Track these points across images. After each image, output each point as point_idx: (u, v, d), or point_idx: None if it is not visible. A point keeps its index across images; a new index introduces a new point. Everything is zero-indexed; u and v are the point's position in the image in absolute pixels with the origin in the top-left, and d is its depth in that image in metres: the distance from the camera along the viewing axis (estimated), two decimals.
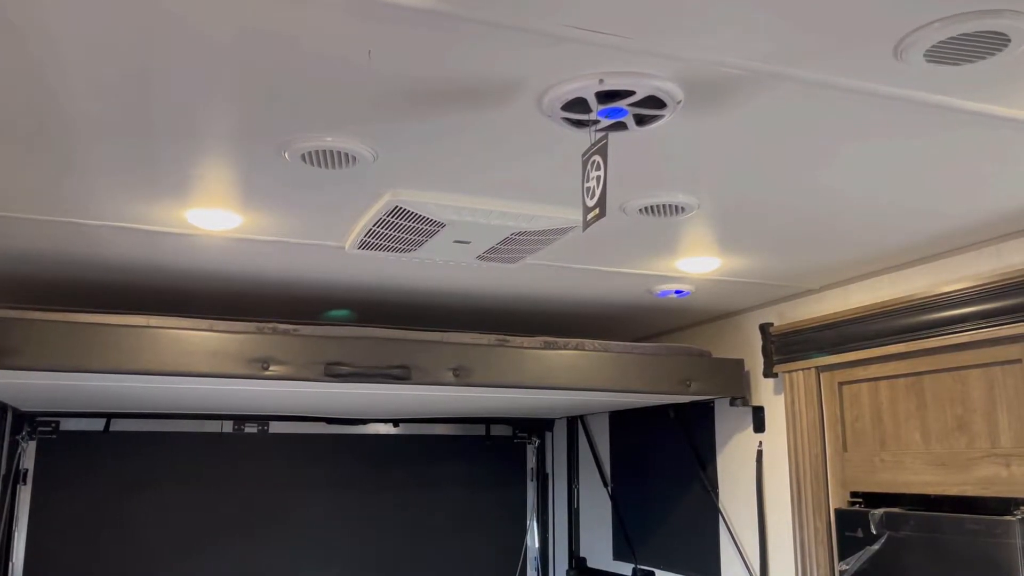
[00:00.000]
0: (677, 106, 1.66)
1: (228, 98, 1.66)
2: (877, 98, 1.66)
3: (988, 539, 2.47)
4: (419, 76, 1.57)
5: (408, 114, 1.74)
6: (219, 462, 4.61)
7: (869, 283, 3.14)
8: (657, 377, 3.45)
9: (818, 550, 3.13)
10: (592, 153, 1.66)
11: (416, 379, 3.06)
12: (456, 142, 1.89)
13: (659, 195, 2.25)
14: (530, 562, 5.19)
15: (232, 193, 2.23)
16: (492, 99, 1.67)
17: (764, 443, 3.58)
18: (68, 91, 1.63)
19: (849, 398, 3.14)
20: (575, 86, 1.59)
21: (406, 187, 2.19)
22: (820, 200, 2.29)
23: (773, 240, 2.68)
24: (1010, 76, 1.57)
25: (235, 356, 2.84)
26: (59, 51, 1.47)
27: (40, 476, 4.32)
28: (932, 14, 1.37)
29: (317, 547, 4.70)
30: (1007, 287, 2.50)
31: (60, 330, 2.66)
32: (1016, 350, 2.53)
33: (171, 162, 2.00)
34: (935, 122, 1.78)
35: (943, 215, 2.42)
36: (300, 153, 1.93)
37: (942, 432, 2.76)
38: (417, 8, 1.34)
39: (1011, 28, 1.39)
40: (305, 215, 2.41)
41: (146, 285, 3.21)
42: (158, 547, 4.42)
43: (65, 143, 1.88)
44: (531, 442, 5.31)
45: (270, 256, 2.84)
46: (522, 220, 2.39)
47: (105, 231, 2.53)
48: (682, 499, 4.09)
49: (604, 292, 3.41)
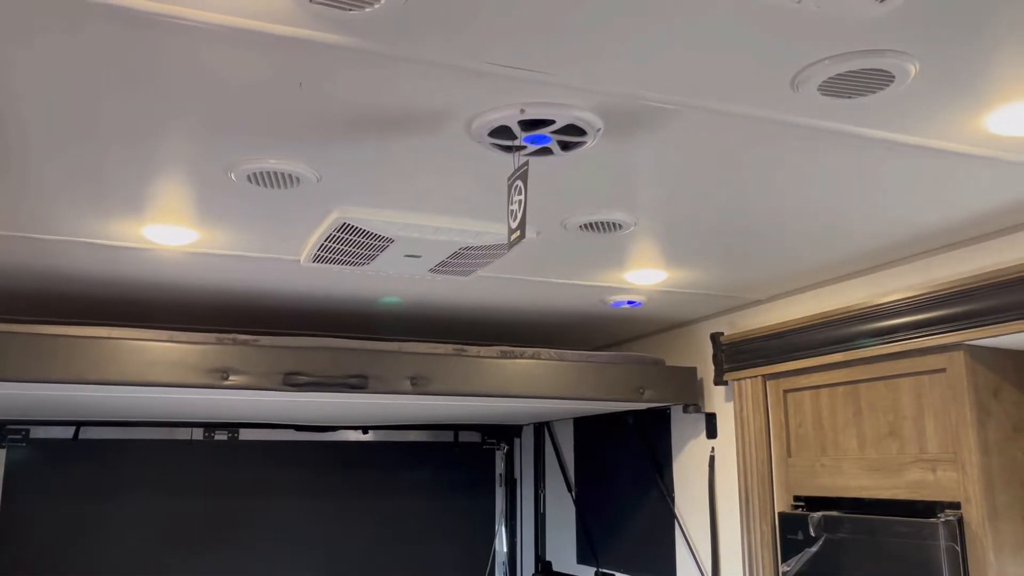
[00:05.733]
0: (597, 133, 1.76)
1: (173, 123, 1.74)
2: (783, 125, 1.77)
3: (916, 540, 2.59)
4: (353, 105, 1.67)
5: (346, 139, 1.83)
6: (189, 469, 4.67)
7: (813, 294, 3.26)
8: (612, 385, 3.55)
9: (763, 552, 3.24)
10: (515, 178, 1.76)
11: (373, 388, 3.14)
12: (396, 164, 1.99)
13: (597, 213, 2.35)
14: (498, 566, 5.28)
15: (186, 210, 2.32)
16: (425, 126, 1.77)
17: (716, 449, 3.68)
18: (17, 116, 1.71)
19: (793, 405, 3.25)
20: (498, 115, 1.69)
21: (353, 205, 2.28)
22: (751, 217, 2.40)
23: (713, 253, 2.79)
24: (901, 109, 1.69)
25: (195, 366, 2.91)
26: (9, 79, 1.56)
27: (10, 483, 4.36)
28: (822, 52, 1.48)
29: (287, 553, 4.77)
30: (933, 300, 2.62)
31: (23, 342, 2.72)
32: (942, 359, 2.65)
33: (125, 182, 2.08)
34: (839, 146, 1.89)
35: (871, 232, 2.54)
36: (246, 174, 2.02)
37: (876, 438, 2.88)
38: (346, 47, 1.43)
39: (894, 67, 1.51)
40: (258, 230, 2.50)
41: (107, 297, 3.28)
42: (128, 553, 4.48)
43: (19, 164, 1.96)
44: (500, 448, 5.40)
45: (228, 269, 2.92)
46: (468, 236, 2.48)
47: (65, 245, 2.61)
48: (641, 503, 4.19)
49: (559, 302, 3.51)
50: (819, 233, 2.55)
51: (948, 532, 2.51)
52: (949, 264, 2.70)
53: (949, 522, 2.52)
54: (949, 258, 2.70)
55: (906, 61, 1.49)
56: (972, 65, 1.53)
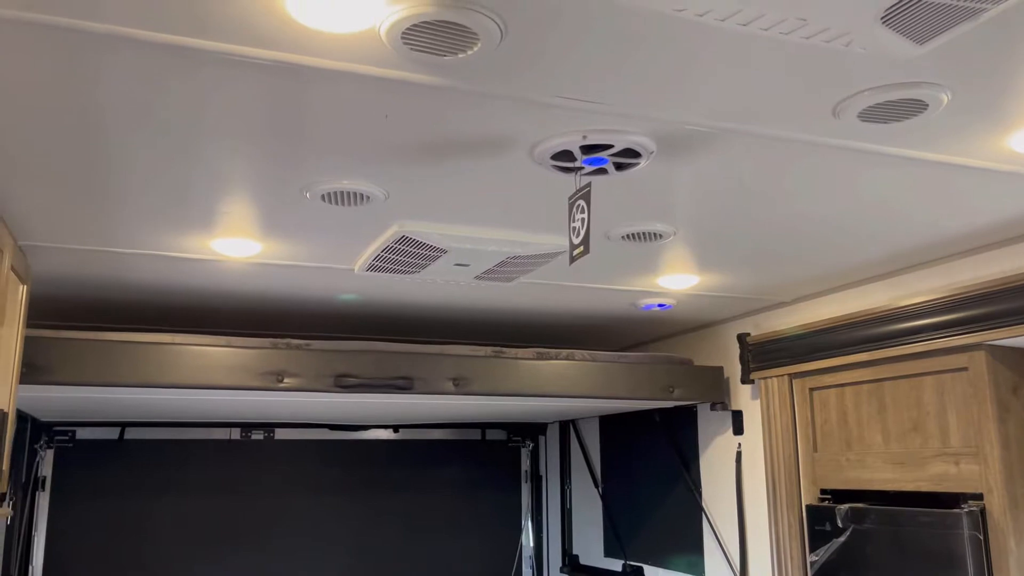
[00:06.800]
0: (651, 155, 1.92)
1: (260, 152, 1.90)
2: (822, 146, 1.93)
3: (939, 530, 2.74)
4: (428, 133, 1.83)
5: (416, 162, 1.99)
6: (227, 468, 4.85)
7: (837, 296, 3.41)
8: (642, 384, 3.71)
9: (791, 543, 3.39)
10: (577, 198, 1.92)
11: (419, 389, 3.31)
12: (458, 183, 2.15)
13: (639, 225, 2.51)
14: (525, 560, 5.44)
15: (255, 225, 2.48)
16: (490, 150, 1.93)
17: (743, 445, 3.84)
18: (120, 146, 1.87)
19: (819, 403, 3.40)
20: (562, 140, 1.84)
21: (412, 219, 2.44)
22: (785, 227, 2.56)
23: (745, 260, 2.94)
24: (932, 132, 1.85)
25: (252, 370, 3.08)
26: (115, 117, 1.72)
27: (57, 483, 4.54)
28: (862, 84, 1.63)
29: (321, 548, 4.94)
30: (955, 302, 2.77)
31: (91, 348, 2.90)
32: (963, 359, 2.79)
33: (203, 203, 2.25)
34: (870, 163, 2.04)
35: (895, 238, 2.69)
36: (320, 194, 2.18)
37: (900, 433, 3.03)
38: (429, 85, 1.59)
39: (929, 96, 1.66)
40: (319, 243, 2.66)
41: (171, 305, 3.45)
42: (171, 550, 4.65)
43: (111, 188, 2.13)
44: (525, 446, 5.56)
45: (285, 278, 3.09)
46: (516, 246, 2.64)
47: (137, 258, 2.78)
48: (668, 498, 4.35)
49: (593, 306, 3.67)
50: (844, 239, 2.70)
51: (971, 522, 2.66)
52: (970, 268, 2.84)
53: (972, 512, 2.67)
54: (970, 262, 2.85)
55: (939, 92, 1.64)
56: (998, 93, 1.68)
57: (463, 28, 1.38)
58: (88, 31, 1.38)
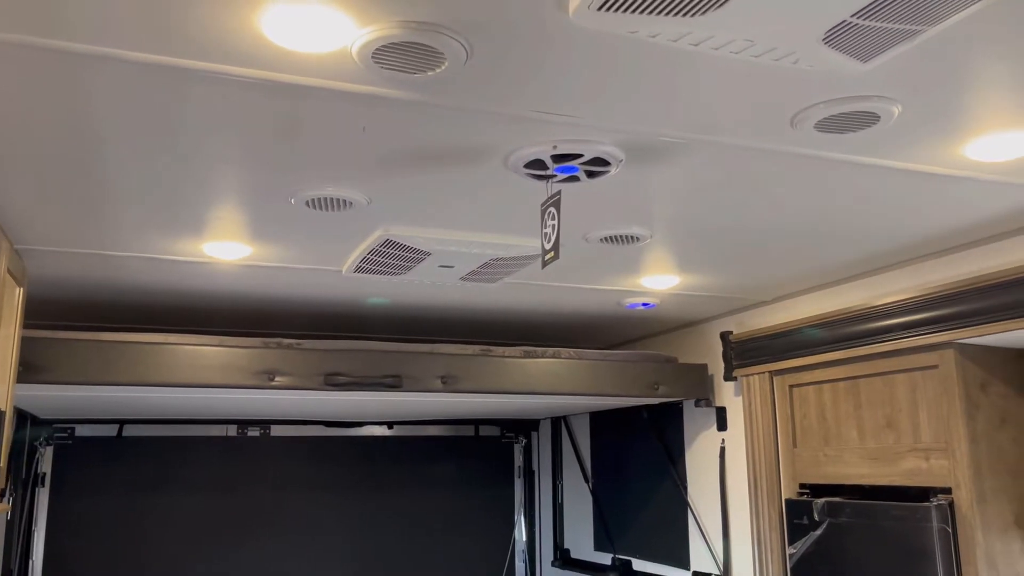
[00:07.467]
0: (620, 163, 2.00)
1: (247, 161, 1.99)
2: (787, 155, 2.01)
3: (910, 523, 2.82)
4: (404, 143, 1.91)
5: (396, 170, 2.07)
6: (225, 464, 4.94)
7: (815, 296, 3.49)
8: (628, 381, 3.79)
9: (771, 536, 3.48)
10: (548, 205, 2.00)
11: (407, 387, 3.39)
12: (438, 189, 2.23)
13: (616, 228, 2.59)
14: (518, 554, 5.53)
15: (244, 230, 2.56)
16: (466, 159, 2.01)
17: (726, 441, 3.92)
18: (113, 156, 1.95)
19: (798, 399, 3.49)
20: (533, 150, 1.92)
21: (395, 223, 2.52)
22: (758, 230, 2.64)
23: (722, 260, 3.02)
24: (888, 141, 1.92)
25: (244, 369, 3.17)
26: (107, 129, 1.80)
27: (57, 480, 4.63)
28: (816, 98, 1.71)
29: (316, 543, 5.03)
30: (924, 302, 2.85)
31: (86, 348, 2.98)
32: (934, 357, 2.88)
33: (193, 208, 2.33)
34: (834, 169, 2.12)
35: (866, 240, 2.77)
36: (305, 200, 2.26)
37: (874, 430, 3.11)
38: (401, 100, 1.67)
39: (880, 109, 1.74)
40: (307, 246, 2.74)
41: (165, 306, 3.54)
42: (169, 545, 4.74)
43: (105, 195, 2.21)
44: (518, 442, 5.64)
45: (275, 279, 3.17)
46: (498, 249, 2.72)
47: (131, 261, 2.86)
48: (655, 493, 4.44)
49: (578, 305, 3.75)
50: (817, 241, 2.78)
51: (940, 515, 2.75)
52: (939, 269, 2.92)
53: (941, 506, 2.75)
54: (939, 264, 2.93)
55: (890, 104, 1.72)
56: (947, 104, 1.76)
57: (430, 48, 1.46)
58: (75, 52, 1.46)
